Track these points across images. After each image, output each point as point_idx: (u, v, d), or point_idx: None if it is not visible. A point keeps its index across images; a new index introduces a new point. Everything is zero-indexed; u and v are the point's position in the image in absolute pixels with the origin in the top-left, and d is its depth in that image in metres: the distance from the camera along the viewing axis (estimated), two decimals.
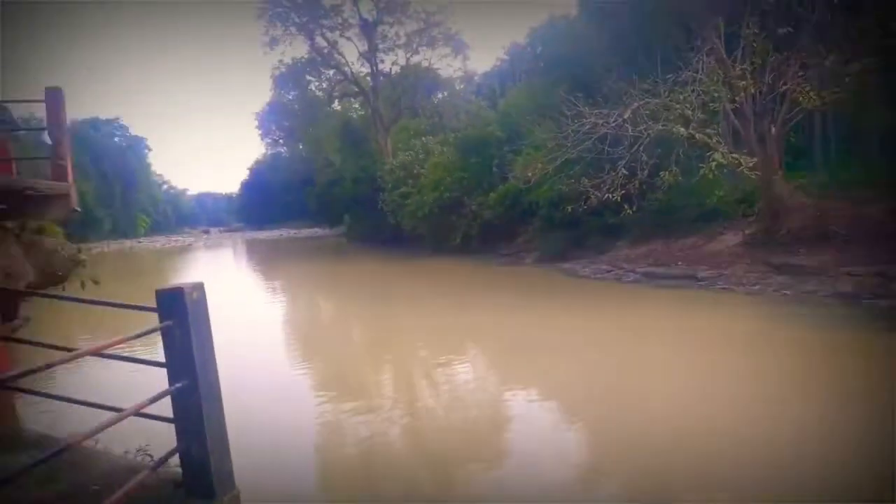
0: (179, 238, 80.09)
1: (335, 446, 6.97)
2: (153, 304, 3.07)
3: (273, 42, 37.52)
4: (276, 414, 7.50)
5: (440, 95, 41.05)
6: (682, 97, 17.45)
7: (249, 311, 17.36)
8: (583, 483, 5.59)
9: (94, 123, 77.83)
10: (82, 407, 3.19)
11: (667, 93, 17.55)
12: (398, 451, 6.75)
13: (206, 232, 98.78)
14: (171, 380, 2.81)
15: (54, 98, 5.59)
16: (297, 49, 39.49)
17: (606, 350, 10.44)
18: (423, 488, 5.67)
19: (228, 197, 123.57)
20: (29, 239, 5.82)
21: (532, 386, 8.78)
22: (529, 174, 19.51)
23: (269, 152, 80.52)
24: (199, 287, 2.88)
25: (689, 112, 17.08)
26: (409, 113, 40.01)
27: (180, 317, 2.75)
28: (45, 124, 5.71)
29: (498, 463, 6.20)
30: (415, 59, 38.90)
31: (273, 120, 60.30)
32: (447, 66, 39.45)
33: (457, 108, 36.59)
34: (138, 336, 2.60)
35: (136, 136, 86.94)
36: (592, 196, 19.21)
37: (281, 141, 67.13)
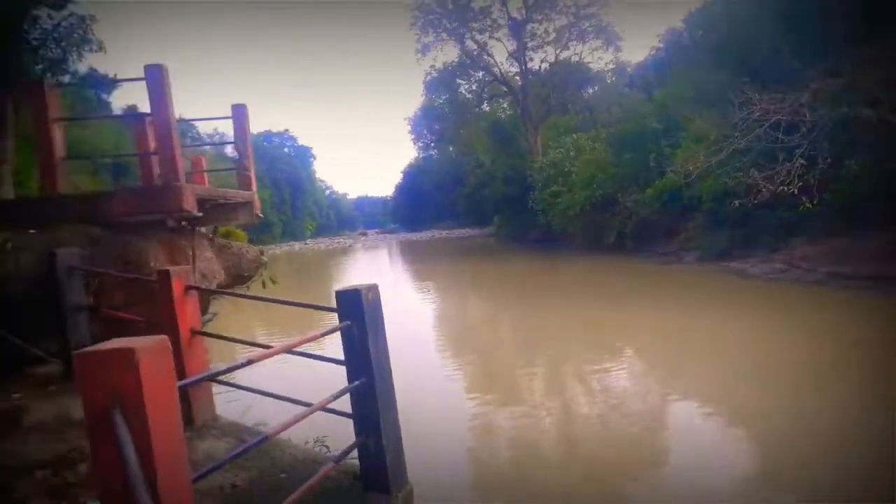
0: (340, 240, 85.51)
1: (489, 448, 6.93)
2: (322, 302, 3.20)
3: (425, 48, 38.84)
4: (431, 412, 7.55)
5: (591, 90, 39.99)
6: (869, 76, 15.42)
7: (402, 308, 17.94)
8: None
9: (267, 136, 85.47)
10: (259, 397, 3.40)
11: (850, 72, 15.61)
12: (552, 456, 6.58)
13: (364, 234, 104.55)
14: (350, 377, 2.88)
15: (240, 114, 6.09)
16: (448, 54, 40.47)
17: (792, 361, 9.37)
18: (576, 495, 5.41)
19: (384, 200, 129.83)
20: (220, 243, 6.38)
21: (702, 397, 8.11)
22: (691, 167, 18.27)
23: (421, 156, 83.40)
24: (374, 288, 2.93)
25: (879, 92, 15.03)
26: (559, 110, 39.40)
27: (358, 317, 2.81)
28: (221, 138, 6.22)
29: (656, 477, 5.78)
30: (564, 54, 38.25)
31: (424, 124, 62.33)
32: (598, 59, 38.38)
33: (609, 102, 35.41)
34: (324, 335, 2.69)
35: (302, 146, 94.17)
36: (764, 189, 17.62)
37: (432, 144, 69.19)
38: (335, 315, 2.88)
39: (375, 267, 38.73)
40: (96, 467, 1.57)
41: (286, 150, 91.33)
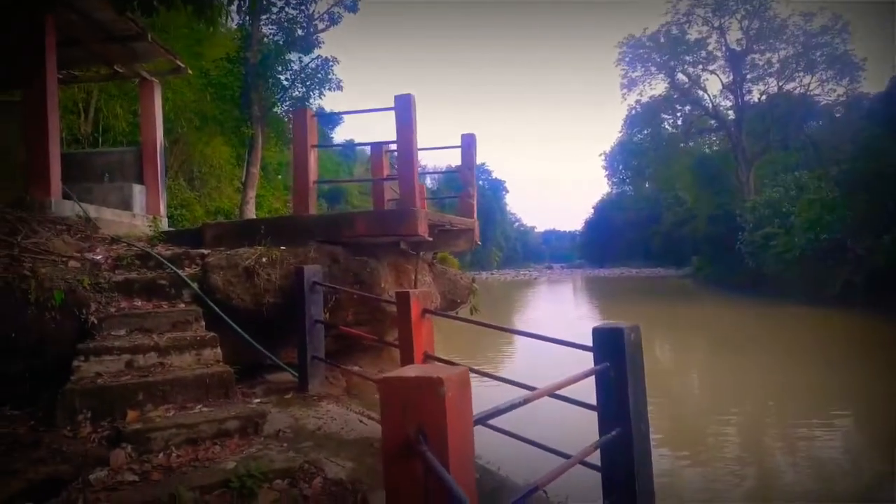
0: (526, 272, 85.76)
1: None
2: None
3: (631, 83, 37.99)
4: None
5: (815, 124, 36.03)
6: None
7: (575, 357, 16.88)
8: None
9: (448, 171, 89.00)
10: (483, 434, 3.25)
11: None
12: None
13: (550, 267, 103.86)
14: (603, 426, 2.62)
15: (468, 143, 6.20)
16: (655, 88, 39.09)
17: None
18: None
19: (572, 234, 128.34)
20: (438, 268, 6.50)
21: None
22: None
23: (615, 191, 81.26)
24: (636, 329, 2.66)
25: None
26: (778, 146, 35.97)
27: (617, 358, 2.55)
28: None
29: None
30: (788, 86, 34.95)
31: (621, 159, 60.71)
32: (829, 90, 34.41)
33: (839, 138, 31.56)
34: (584, 377, 2.47)
35: (496, 179, 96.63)
36: None
37: (627, 180, 67.15)
38: (513, 352, 2.66)
39: (556, 304, 37.92)
40: (396, 494, 1.48)
41: (481, 182, 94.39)
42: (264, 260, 5.04)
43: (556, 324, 24.81)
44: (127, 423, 3.58)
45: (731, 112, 37.12)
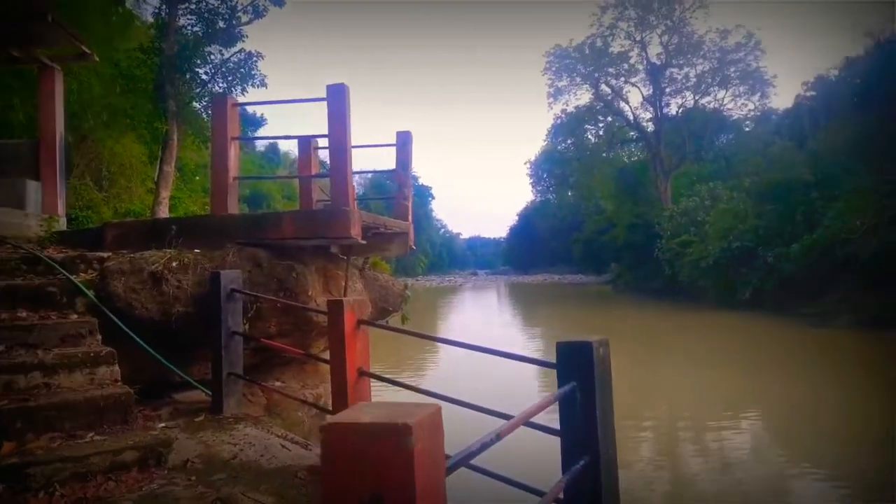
0: (451, 278, 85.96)
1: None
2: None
3: (557, 93, 38.67)
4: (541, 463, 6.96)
5: (726, 138, 37.90)
6: None
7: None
8: None
9: (391, 173, 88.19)
10: None
11: None
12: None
13: (475, 274, 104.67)
14: (567, 454, 2.30)
15: (404, 140, 5.82)
16: (580, 98, 40.04)
17: None
18: None
19: (496, 241, 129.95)
20: (369, 274, 6.08)
21: None
22: (859, 223, 16.38)
23: (539, 199, 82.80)
24: (605, 343, 2.35)
25: None
26: (693, 158, 37.56)
27: (584, 377, 2.24)
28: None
29: None
30: (704, 100, 36.59)
31: (545, 168, 61.87)
32: (741, 105, 36.31)
33: (750, 151, 33.29)
34: (553, 401, 2.14)
35: (423, 186, 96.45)
36: None
37: (551, 188, 68.53)
38: (437, 360, 2.33)
39: (480, 309, 38.13)
40: None
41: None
42: (175, 264, 4.47)
43: (487, 329, 24.80)
44: (1, 457, 2.98)
45: (650, 124, 38.48)
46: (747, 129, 36.68)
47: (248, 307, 4.47)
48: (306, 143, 5.91)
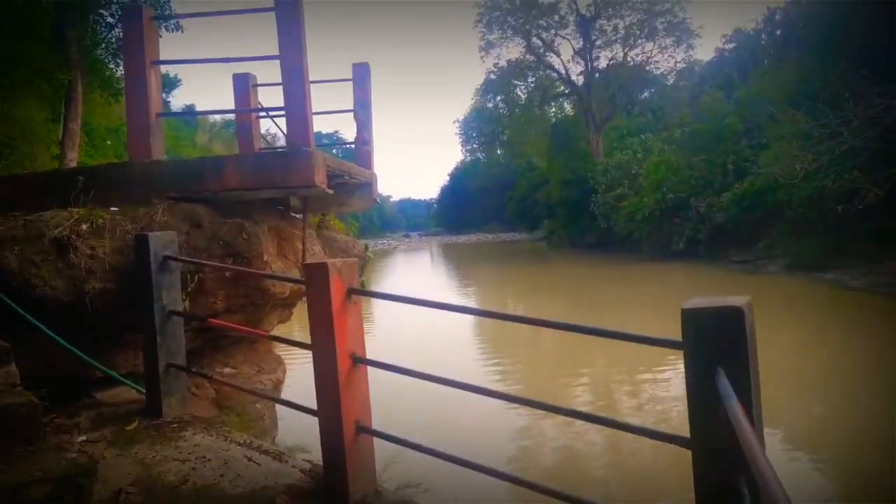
0: (384, 241, 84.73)
1: (527, 452, 6.35)
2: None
3: (489, 46, 37.72)
4: (462, 417, 6.73)
5: (659, 89, 38.25)
6: None
7: (438, 314, 16.00)
8: None
9: (317, 136, 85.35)
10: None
11: None
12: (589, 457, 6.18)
13: (407, 236, 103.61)
14: (703, 471, 1.59)
15: (361, 74, 4.90)
16: (513, 52, 39.29)
17: None
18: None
19: (428, 203, 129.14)
20: (326, 235, 5.21)
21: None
22: (798, 167, 16.55)
23: (469, 159, 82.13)
24: (750, 307, 1.62)
25: None
26: (624, 111, 37.69)
27: (732, 360, 1.51)
28: None
29: None
30: (632, 52, 36.58)
31: (475, 126, 61.08)
32: (669, 57, 36.59)
33: (678, 102, 33.62)
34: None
35: (350, 148, 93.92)
36: (872, 193, 15.91)
37: (481, 147, 67.93)
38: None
39: (415, 271, 37.64)
40: None
41: (334, 151, 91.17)
42: (85, 227, 3.47)
43: (429, 292, 24.19)
44: None
45: (581, 78, 38.26)
46: (670, 82, 37.11)
47: (187, 279, 3.54)
48: (243, 80, 4.89)
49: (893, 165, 15.59)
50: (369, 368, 2.48)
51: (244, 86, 4.96)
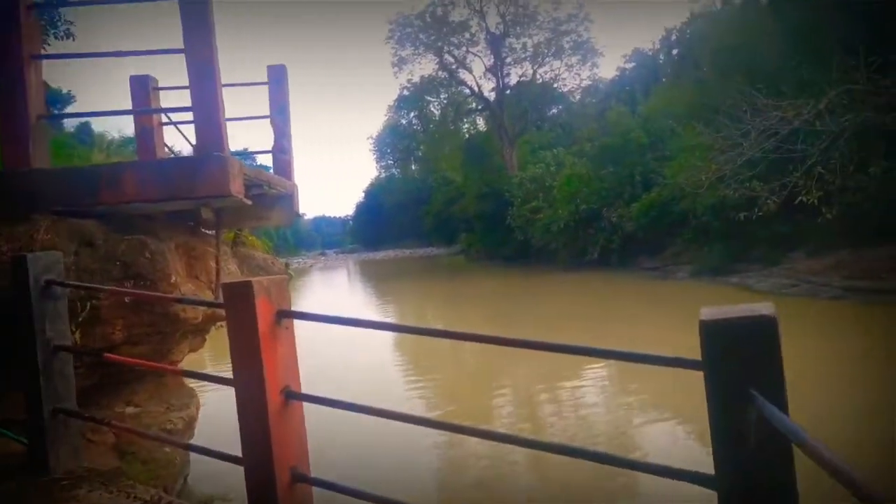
0: (298, 260, 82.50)
1: (450, 466, 6.33)
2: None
3: (401, 62, 37.77)
4: (386, 433, 6.67)
5: (558, 108, 39.57)
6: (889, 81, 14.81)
7: (355, 331, 15.51)
8: None
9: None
10: None
11: (865, 79, 14.99)
12: (514, 474, 6.06)
13: (323, 254, 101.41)
14: None
15: (278, 77, 4.51)
16: (425, 68, 39.53)
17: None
18: None
19: (343, 220, 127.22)
20: (242, 252, 4.76)
21: None
22: (703, 178, 17.33)
23: (383, 175, 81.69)
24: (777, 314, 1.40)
25: None
26: (535, 125, 38.67)
27: (764, 379, 1.28)
28: None
29: None
30: (541, 70, 37.66)
31: (389, 142, 60.88)
32: (575, 75, 37.92)
33: (586, 118, 34.83)
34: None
35: (260, 166, 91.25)
36: (770, 201, 16.88)
37: (395, 163, 67.77)
38: None
39: (333, 288, 36.94)
40: None
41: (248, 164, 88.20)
42: None
43: (347, 310, 23.56)
44: None
45: (493, 94, 38.94)
46: (576, 98, 38.50)
47: (77, 307, 3.02)
48: (142, 82, 4.38)
49: (787, 175, 16.56)
50: (305, 404, 2.12)
51: (143, 89, 4.45)
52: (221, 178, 3.02)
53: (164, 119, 4.70)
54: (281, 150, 4.48)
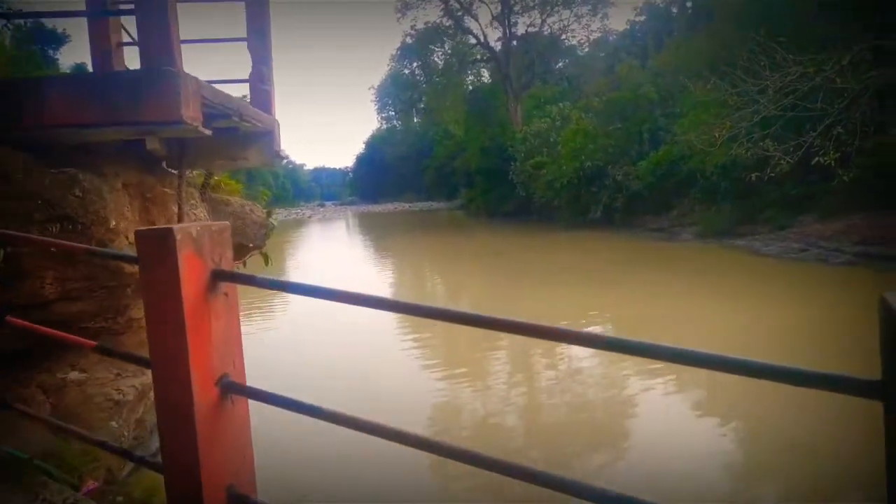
0: (297, 211, 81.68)
1: (449, 421, 6.44)
2: None
3: (405, 7, 36.32)
4: (390, 389, 7.02)
5: (575, 58, 38.22)
6: None
7: (359, 286, 15.18)
8: None
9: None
10: None
11: None
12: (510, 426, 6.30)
13: (322, 205, 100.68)
14: None
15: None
16: (430, 15, 37.95)
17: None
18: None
19: (343, 171, 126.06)
20: (214, 197, 4.16)
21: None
22: (717, 135, 16.58)
23: (385, 126, 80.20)
24: None
25: None
26: (541, 78, 37.45)
27: None
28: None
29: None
30: (550, 20, 36.22)
31: (391, 93, 59.35)
32: (585, 26, 36.45)
33: (595, 72, 33.68)
34: None
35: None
36: (783, 161, 16.20)
37: (397, 115, 66.29)
38: None
39: (330, 241, 36.40)
40: None
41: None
42: None
43: (347, 267, 23.17)
44: None
45: (499, 44, 37.63)
46: (585, 51, 37.19)
47: None
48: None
49: (803, 135, 15.84)
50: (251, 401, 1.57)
51: (100, 4, 3.78)
52: (171, 99, 2.40)
53: (126, 39, 4.04)
54: (259, 80, 3.83)
